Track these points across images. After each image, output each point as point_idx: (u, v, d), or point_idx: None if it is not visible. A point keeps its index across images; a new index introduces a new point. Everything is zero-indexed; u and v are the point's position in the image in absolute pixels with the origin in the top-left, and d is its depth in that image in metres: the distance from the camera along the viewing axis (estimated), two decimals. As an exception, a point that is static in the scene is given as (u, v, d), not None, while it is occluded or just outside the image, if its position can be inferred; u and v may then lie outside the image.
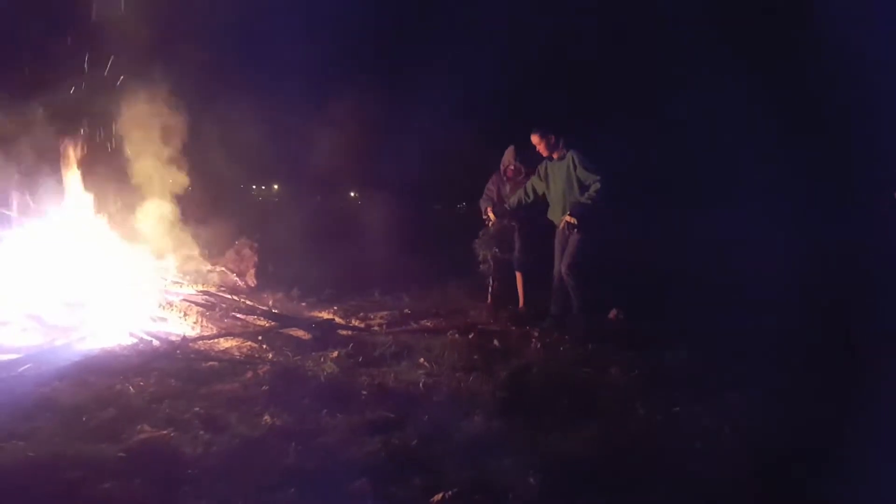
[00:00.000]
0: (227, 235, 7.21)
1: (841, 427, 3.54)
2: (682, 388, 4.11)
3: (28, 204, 5.73)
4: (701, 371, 4.55)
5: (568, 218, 5.60)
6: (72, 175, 5.86)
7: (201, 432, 3.20)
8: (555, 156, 5.79)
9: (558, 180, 5.77)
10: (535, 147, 5.86)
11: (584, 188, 5.58)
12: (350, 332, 5.48)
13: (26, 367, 4.05)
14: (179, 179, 6.68)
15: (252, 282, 6.70)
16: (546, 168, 5.90)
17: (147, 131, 6.45)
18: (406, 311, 6.40)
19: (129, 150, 6.42)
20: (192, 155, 6.87)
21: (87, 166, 6.02)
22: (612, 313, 5.89)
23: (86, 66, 6.14)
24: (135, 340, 4.68)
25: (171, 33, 6.47)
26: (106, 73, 6.37)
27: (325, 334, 5.20)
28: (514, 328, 5.73)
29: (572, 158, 5.64)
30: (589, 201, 5.51)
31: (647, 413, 3.72)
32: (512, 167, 6.40)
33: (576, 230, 5.57)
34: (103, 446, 3.00)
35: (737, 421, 3.61)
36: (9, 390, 3.69)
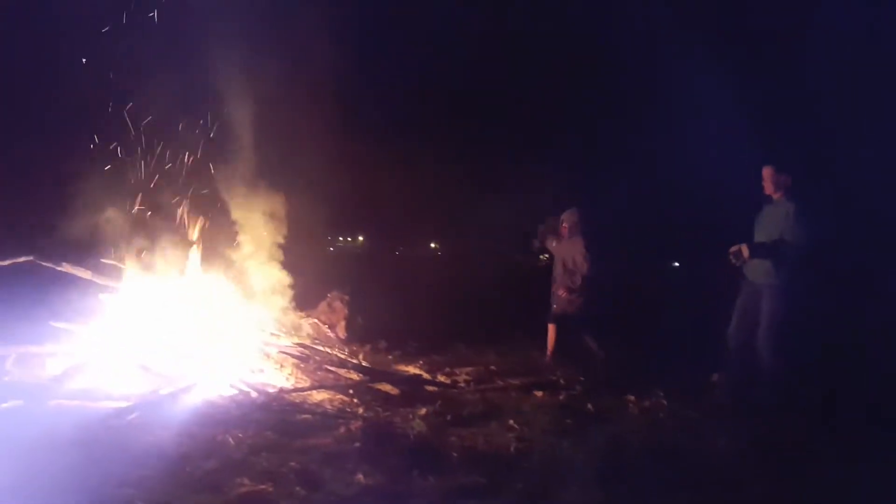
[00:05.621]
0: (319, 288, 7.41)
1: None
2: (794, 462, 3.83)
3: (136, 258, 6.05)
4: (814, 442, 4.21)
5: (744, 248, 5.12)
6: (181, 231, 6.23)
7: (297, 488, 3.23)
8: (775, 196, 5.30)
9: (768, 226, 5.29)
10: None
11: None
12: (436, 388, 5.46)
13: (135, 415, 4.25)
14: (276, 233, 6.94)
15: (342, 334, 6.83)
16: (762, 213, 5.44)
17: (247, 188, 6.77)
18: (492, 367, 6.32)
19: (230, 207, 6.75)
20: (285, 208, 7.11)
21: (193, 223, 6.39)
22: (714, 377, 5.57)
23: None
24: (234, 391, 4.83)
25: (274, 93, 6.73)
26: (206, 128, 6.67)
27: (412, 390, 5.22)
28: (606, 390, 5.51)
29: (789, 211, 5.16)
30: (783, 256, 5.04)
31: (763, 490, 3.45)
32: (566, 225, 6.79)
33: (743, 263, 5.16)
34: (207, 497, 3.09)
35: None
36: (120, 437, 3.88)
